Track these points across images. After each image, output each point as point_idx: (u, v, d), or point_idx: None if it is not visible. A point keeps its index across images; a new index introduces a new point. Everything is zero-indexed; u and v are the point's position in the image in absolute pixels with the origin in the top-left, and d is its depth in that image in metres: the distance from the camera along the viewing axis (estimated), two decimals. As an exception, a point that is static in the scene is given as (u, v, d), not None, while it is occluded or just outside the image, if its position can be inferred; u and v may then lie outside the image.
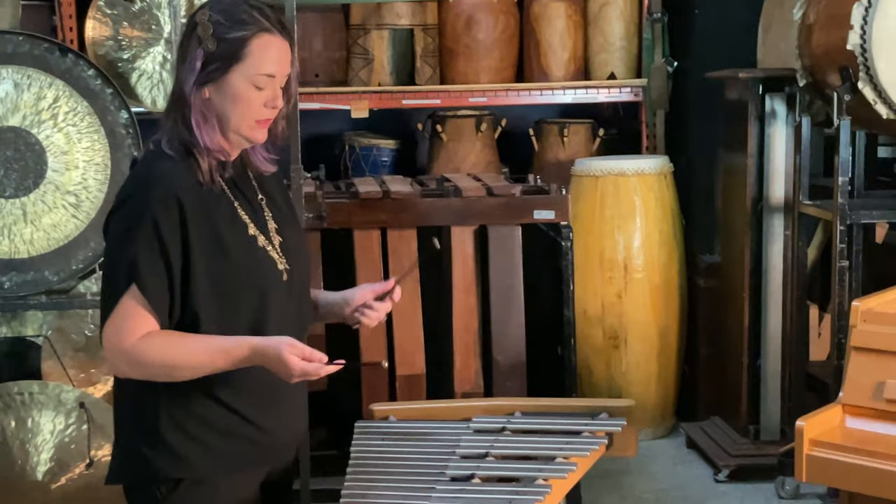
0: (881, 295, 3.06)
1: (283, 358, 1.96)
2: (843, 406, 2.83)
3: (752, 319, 4.57)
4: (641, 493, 4.43)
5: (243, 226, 2.10)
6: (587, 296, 4.93)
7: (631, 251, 4.92)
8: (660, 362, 4.97)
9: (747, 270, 4.55)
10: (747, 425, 4.60)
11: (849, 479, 2.68)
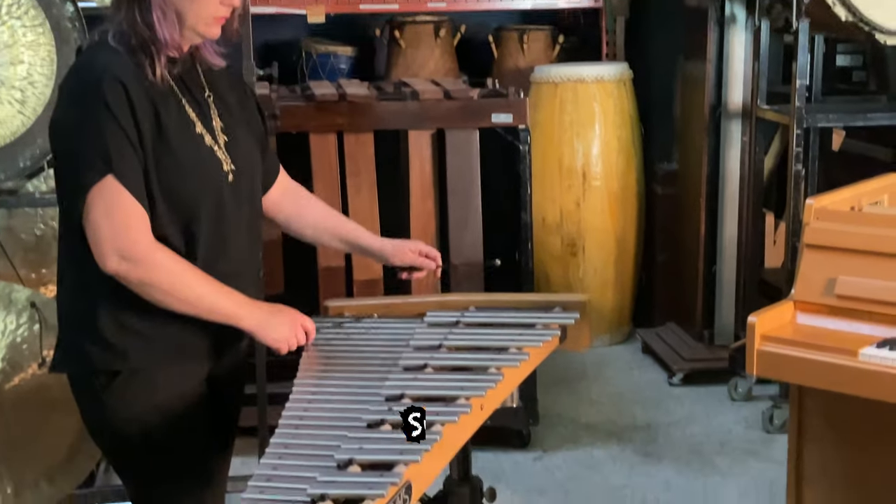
0: (835, 193, 3.07)
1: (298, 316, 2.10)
2: (794, 302, 2.85)
3: (709, 226, 4.61)
4: (597, 397, 4.49)
5: (190, 123, 2.06)
6: (546, 203, 4.93)
7: (589, 159, 4.92)
8: (616, 269, 5.01)
9: (704, 177, 4.57)
10: (702, 330, 4.67)
11: (799, 374, 2.71)
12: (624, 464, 3.85)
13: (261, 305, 2.11)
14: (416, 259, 2.42)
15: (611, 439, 4.06)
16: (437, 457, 1.76)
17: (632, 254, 5.06)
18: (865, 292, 2.72)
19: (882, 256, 2.73)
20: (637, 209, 5.04)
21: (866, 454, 2.78)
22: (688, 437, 4.05)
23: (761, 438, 4.00)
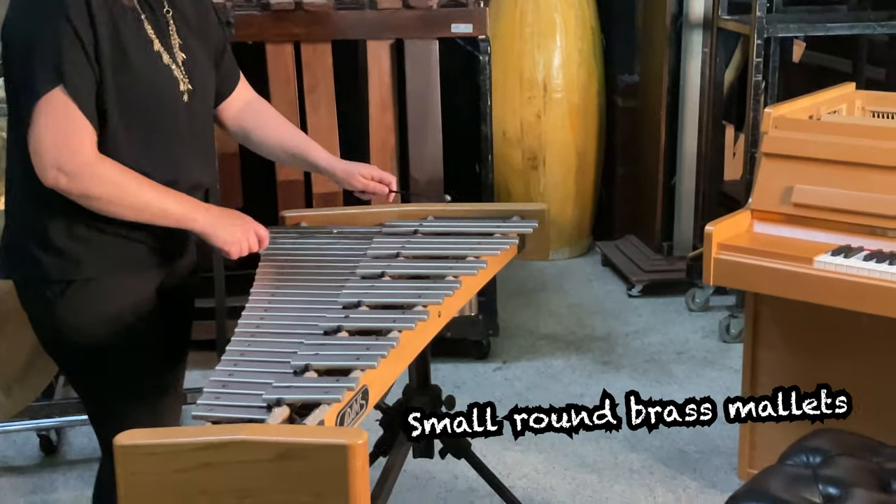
0: (793, 102, 3.08)
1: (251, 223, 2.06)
2: (751, 211, 2.88)
3: (669, 138, 4.60)
4: (557, 309, 4.53)
5: (148, 41, 2.01)
6: (506, 116, 4.90)
7: (550, 71, 4.88)
8: (577, 182, 5.01)
9: (665, 89, 4.55)
10: (661, 242, 4.69)
11: (755, 281, 2.74)
12: (582, 373, 3.89)
13: (211, 208, 2.08)
14: (367, 184, 2.37)
15: (570, 349, 4.10)
16: (394, 363, 1.77)
17: (592, 167, 5.06)
18: (821, 200, 2.75)
19: (838, 165, 2.76)
20: (598, 122, 5.03)
21: (819, 360, 2.83)
22: (646, 347, 4.10)
23: (718, 347, 4.06)
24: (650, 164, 4.74)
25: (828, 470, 2.13)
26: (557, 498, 3.07)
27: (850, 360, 2.75)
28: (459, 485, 3.12)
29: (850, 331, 2.69)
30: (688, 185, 4.59)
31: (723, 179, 4.62)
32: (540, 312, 4.49)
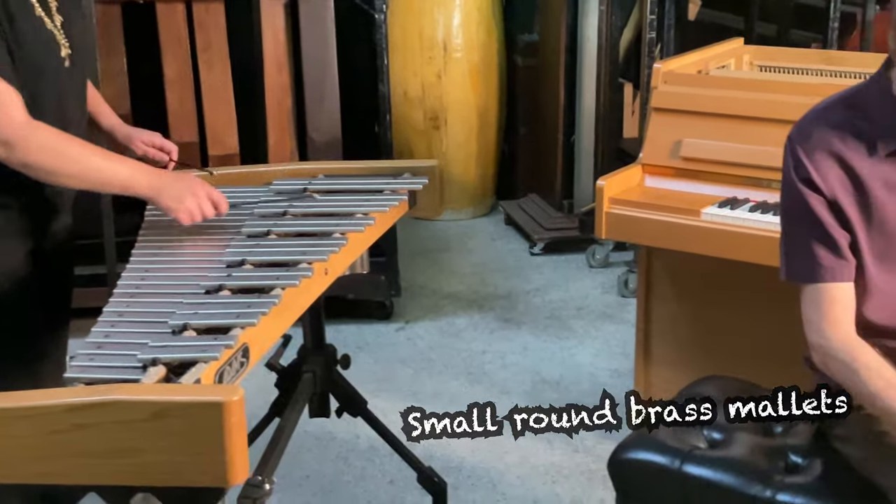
0: (682, 57, 3.12)
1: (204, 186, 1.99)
2: (642, 166, 2.92)
3: (567, 97, 4.63)
4: (459, 268, 4.55)
5: (30, 6, 1.93)
6: (407, 77, 4.88)
7: (450, 30, 4.86)
8: (479, 142, 5.01)
9: (563, 47, 4.57)
10: (561, 200, 4.73)
11: (645, 234, 2.79)
12: (484, 330, 3.92)
13: (161, 172, 2.02)
14: (147, 151, 2.30)
15: (472, 308, 4.12)
16: (277, 320, 1.75)
17: (494, 126, 5.07)
18: (709, 154, 2.80)
19: (726, 118, 2.80)
20: (498, 81, 5.03)
21: (708, 310, 2.89)
22: (547, 304, 4.15)
23: (617, 302, 4.12)
24: (550, 123, 4.77)
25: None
26: (458, 454, 3.09)
27: (738, 310, 2.81)
28: (360, 444, 3.13)
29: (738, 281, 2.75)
30: (587, 142, 4.63)
31: (622, 137, 4.66)
32: (443, 272, 4.50)
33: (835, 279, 1.83)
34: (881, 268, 1.83)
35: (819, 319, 1.84)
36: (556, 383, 3.52)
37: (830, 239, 1.83)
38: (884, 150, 1.80)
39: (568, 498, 2.86)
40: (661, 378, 2.98)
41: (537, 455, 3.07)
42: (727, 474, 1.97)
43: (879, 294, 1.84)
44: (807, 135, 1.87)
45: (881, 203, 1.81)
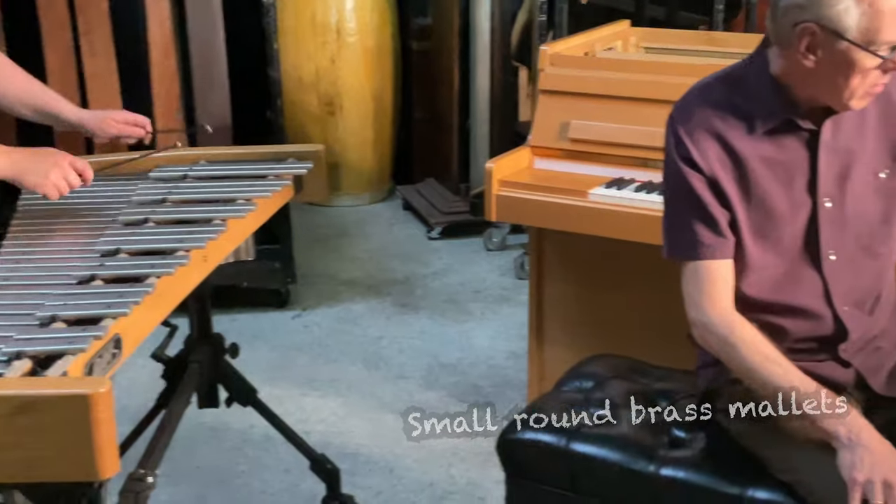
0: (569, 39, 3.14)
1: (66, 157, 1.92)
2: (531, 148, 2.93)
3: (462, 81, 4.63)
4: (357, 254, 4.52)
5: None
6: (301, 61, 4.82)
7: (343, 14, 4.81)
8: (375, 127, 4.99)
9: (456, 31, 4.56)
10: (458, 184, 4.74)
11: (534, 216, 2.80)
12: (381, 316, 3.91)
13: (18, 150, 1.95)
14: (122, 129, 2.28)
15: (369, 294, 4.10)
16: (152, 309, 1.71)
17: (390, 111, 5.04)
18: (596, 135, 2.82)
19: (612, 99, 2.82)
20: (393, 65, 5.00)
21: (598, 290, 2.92)
22: (444, 287, 4.15)
23: (513, 285, 4.14)
24: (445, 107, 4.77)
25: (599, 393, 2.20)
26: (355, 440, 3.08)
27: (627, 288, 2.84)
28: (256, 433, 3.09)
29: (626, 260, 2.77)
30: (482, 126, 4.63)
31: (517, 120, 4.68)
32: (341, 258, 4.47)
33: (714, 256, 1.86)
34: (759, 244, 1.87)
35: (699, 296, 1.87)
36: (454, 367, 3.52)
37: (710, 217, 1.85)
38: (762, 127, 1.84)
39: (464, 479, 2.87)
40: (555, 358, 3.00)
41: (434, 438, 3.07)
42: (613, 451, 1.99)
43: (757, 269, 1.87)
44: (687, 114, 1.90)
45: (760, 180, 1.84)
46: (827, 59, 1.71)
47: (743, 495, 1.85)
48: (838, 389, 1.88)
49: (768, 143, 1.84)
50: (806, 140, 1.83)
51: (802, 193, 1.85)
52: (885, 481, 1.62)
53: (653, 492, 1.94)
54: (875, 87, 1.75)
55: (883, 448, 1.67)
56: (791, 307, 1.88)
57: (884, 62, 1.70)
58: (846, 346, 1.88)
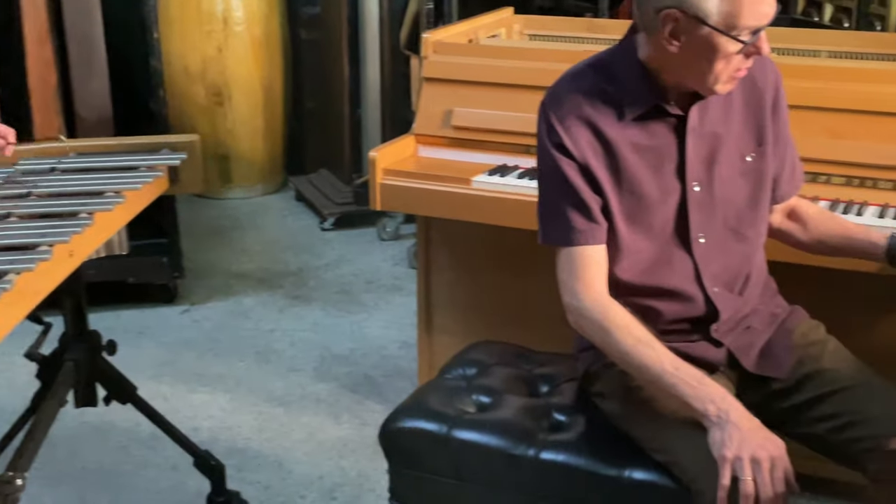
0: (452, 27, 3.13)
1: None
2: (415, 136, 2.91)
3: (352, 70, 4.59)
4: (249, 247, 4.46)
5: None
6: (186, 51, 4.73)
7: (230, 3, 4.74)
8: (265, 118, 4.92)
9: (345, 20, 4.52)
10: (351, 174, 4.70)
11: (419, 204, 2.79)
12: (273, 308, 3.86)
13: None
14: None
15: (261, 286, 4.05)
16: (13, 307, 1.65)
17: (280, 101, 4.98)
18: (480, 122, 2.82)
19: (495, 87, 2.83)
20: (283, 55, 4.95)
21: (485, 277, 2.92)
22: (337, 278, 4.12)
23: (406, 274, 4.13)
24: (336, 97, 4.73)
25: (482, 380, 2.20)
26: (243, 435, 3.03)
27: (511, 275, 2.85)
28: (142, 432, 3.02)
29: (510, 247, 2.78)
30: (372, 115, 4.61)
31: (409, 109, 4.66)
32: (232, 251, 4.40)
33: (587, 242, 1.87)
34: (631, 228, 1.88)
35: (572, 282, 1.88)
36: (346, 358, 3.50)
37: (583, 203, 1.86)
38: (631, 113, 1.85)
39: (354, 471, 2.85)
40: (444, 346, 2.99)
41: (325, 431, 3.05)
42: (494, 437, 2.00)
43: (630, 253, 1.89)
44: (558, 101, 1.90)
45: (630, 166, 1.86)
46: (690, 45, 1.73)
47: (621, 476, 1.88)
48: (711, 369, 1.93)
49: (637, 129, 1.86)
50: (674, 125, 1.86)
51: (672, 178, 1.87)
52: (753, 457, 1.65)
53: (534, 476, 1.95)
54: (739, 72, 1.78)
55: (751, 425, 1.70)
56: (663, 290, 1.90)
57: (745, 47, 1.73)
58: (717, 326, 1.92)
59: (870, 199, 2.41)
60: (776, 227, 2.09)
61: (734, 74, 1.78)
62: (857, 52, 2.88)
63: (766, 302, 2.01)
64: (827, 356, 1.94)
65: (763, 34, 1.72)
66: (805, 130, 2.45)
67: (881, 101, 2.44)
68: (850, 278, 2.28)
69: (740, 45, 1.72)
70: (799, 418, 1.91)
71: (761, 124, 1.92)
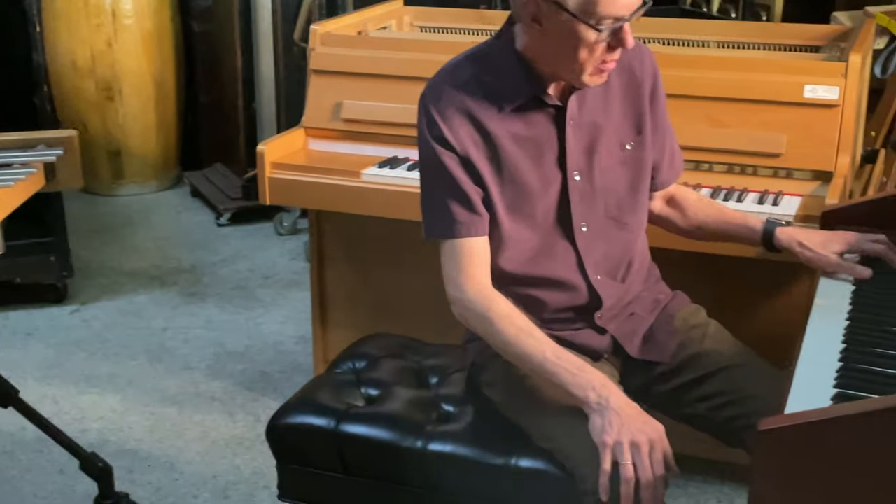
0: (341, 19, 3.11)
1: None
2: (305, 129, 2.89)
3: (245, 63, 4.54)
4: (142, 244, 4.38)
5: None
6: (75, 45, 4.62)
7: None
8: (158, 112, 4.83)
9: (236, 12, 4.47)
10: (246, 168, 4.64)
11: (309, 198, 2.77)
12: (166, 307, 3.79)
13: None
14: None
15: (154, 284, 3.98)
16: None
17: (173, 95, 4.89)
18: (369, 115, 2.81)
19: (385, 79, 2.82)
20: (174, 48, 4.86)
21: (377, 270, 2.91)
22: (233, 275, 4.06)
23: (304, 269, 4.09)
24: (230, 90, 4.66)
25: (372, 373, 2.19)
26: (135, 436, 2.97)
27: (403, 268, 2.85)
28: (27, 435, 2.93)
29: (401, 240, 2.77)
30: (268, 108, 4.56)
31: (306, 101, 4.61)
32: (124, 249, 4.31)
33: (470, 234, 1.87)
34: (514, 219, 1.89)
35: (456, 273, 1.88)
36: (241, 354, 3.45)
37: (464, 195, 1.86)
38: (510, 104, 1.85)
39: (249, 469, 2.82)
40: (339, 340, 2.97)
41: (218, 429, 3.01)
42: (382, 430, 1.99)
43: (512, 244, 1.90)
44: (437, 93, 1.89)
45: (511, 157, 1.86)
46: (553, 32, 1.74)
47: (507, 465, 1.88)
48: (595, 356, 1.95)
49: (517, 120, 1.86)
50: (553, 116, 1.87)
51: (553, 168, 1.88)
52: (633, 442, 1.68)
53: (422, 467, 1.95)
54: (605, 64, 1.78)
55: (630, 410, 1.72)
56: (547, 279, 1.91)
57: (609, 38, 1.73)
58: (601, 313, 1.94)
59: (750, 186, 2.47)
60: (656, 213, 2.12)
61: (600, 66, 1.78)
62: (744, 42, 2.94)
63: (649, 288, 2.04)
64: (708, 339, 1.97)
65: (627, 27, 1.73)
66: (688, 119, 2.50)
67: (761, 90, 2.49)
68: (730, 263, 2.33)
69: (598, 34, 1.72)
70: (682, 400, 1.94)
71: (640, 113, 1.94)
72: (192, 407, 3.12)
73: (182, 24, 4.89)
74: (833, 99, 2.43)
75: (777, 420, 1.42)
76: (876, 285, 1.93)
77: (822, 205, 2.25)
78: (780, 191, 2.43)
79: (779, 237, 2.02)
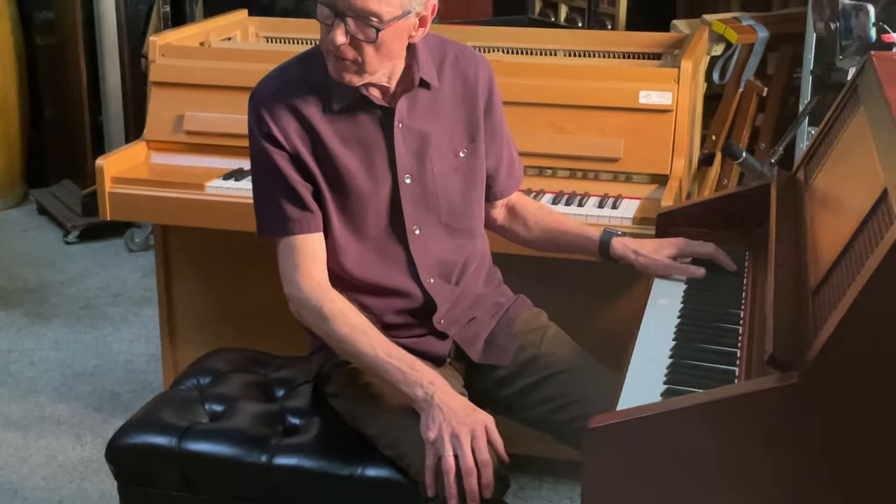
0: (183, 29, 3.06)
1: None
2: (147, 142, 2.83)
3: (91, 76, 4.42)
4: (-14, 265, 4.21)
5: None
6: None
7: (-46, 7, 4.45)
8: (0, 129, 4.65)
9: (80, 24, 4.35)
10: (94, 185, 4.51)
11: (152, 213, 2.72)
12: (11, 329, 3.65)
13: None
14: None
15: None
16: None
17: (15, 110, 4.72)
18: (213, 126, 2.76)
19: (229, 90, 2.77)
20: (16, 62, 4.68)
21: (225, 283, 2.87)
22: (82, 293, 3.94)
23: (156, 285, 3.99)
24: (75, 104, 4.53)
25: (217, 388, 2.15)
26: (-25, 464, 2.86)
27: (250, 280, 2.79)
28: None
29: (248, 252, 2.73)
30: (116, 123, 4.44)
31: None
32: (-33, 271, 4.14)
33: (303, 231, 1.87)
34: (345, 223, 1.89)
35: (292, 271, 1.87)
36: (90, 375, 3.35)
37: (295, 192, 1.86)
38: (337, 105, 1.85)
39: (97, 493, 2.73)
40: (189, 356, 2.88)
41: (65, 453, 2.91)
42: (226, 445, 1.96)
43: (346, 248, 1.90)
44: (266, 93, 1.89)
45: (339, 157, 1.86)
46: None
47: (353, 475, 1.88)
48: (439, 361, 1.96)
49: (345, 121, 1.86)
50: (380, 118, 1.87)
51: (383, 170, 1.88)
52: (453, 433, 1.69)
53: (266, 482, 1.92)
54: (328, 49, 1.78)
55: (455, 404, 1.73)
56: (381, 286, 1.92)
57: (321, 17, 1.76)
58: (438, 317, 1.94)
59: (591, 191, 2.52)
60: (500, 224, 2.14)
61: (328, 47, 1.77)
62: (589, 50, 3.01)
63: (490, 292, 2.06)
64: (546, 342, 2.00)
65: (339, 23, 1.73)
66: (532, 126, 2.54)
67: (600, 97, 2.55)
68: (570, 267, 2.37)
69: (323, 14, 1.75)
70: (523, 402, 1.97)
71: (474, 120, 1.95)
72: (37, 431, 3.01)
73: (24, 37, 4.72)
74: (666, 104, 2.50)
75: (607, 417, 1.46)
76: (706, 284, 2.00)
77: (658, 207, 2.31)
78: (619, 195, 2.49)
79: (614, 247, 2.07)
